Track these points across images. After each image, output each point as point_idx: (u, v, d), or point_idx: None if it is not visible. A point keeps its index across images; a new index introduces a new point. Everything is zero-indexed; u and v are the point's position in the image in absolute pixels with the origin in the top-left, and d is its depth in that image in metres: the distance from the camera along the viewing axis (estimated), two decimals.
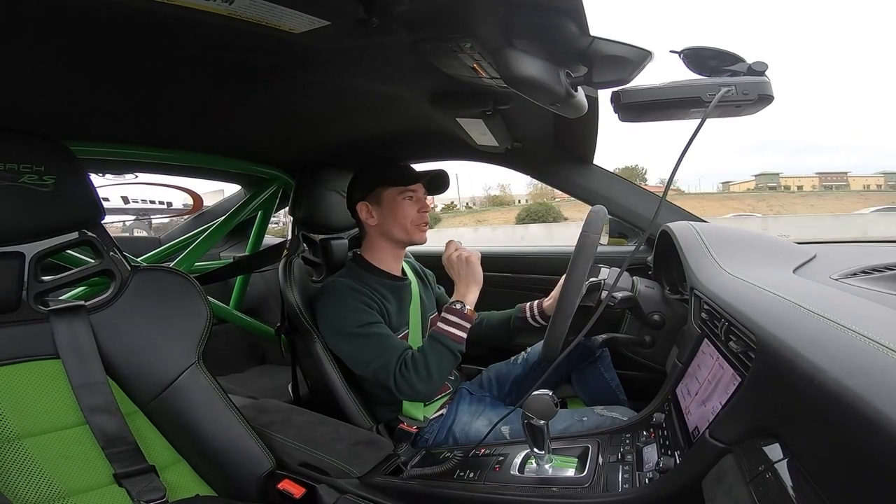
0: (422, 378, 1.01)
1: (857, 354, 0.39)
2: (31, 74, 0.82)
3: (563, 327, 0.88)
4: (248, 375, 2.12)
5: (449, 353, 1.03)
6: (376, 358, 1.04)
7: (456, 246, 1.16)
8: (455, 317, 1.06)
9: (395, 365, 1.02)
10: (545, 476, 0.81)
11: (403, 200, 1.18)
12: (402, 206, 1.17)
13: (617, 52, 0.64)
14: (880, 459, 0.32)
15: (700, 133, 0.64)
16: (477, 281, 1.12)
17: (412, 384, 1.01)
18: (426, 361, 1.02)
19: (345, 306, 1.09)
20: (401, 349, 1.04)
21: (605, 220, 1.07)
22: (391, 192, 1.17)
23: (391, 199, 1.17)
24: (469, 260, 1.12)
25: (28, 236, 0.81)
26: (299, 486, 0.88)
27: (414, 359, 1.02)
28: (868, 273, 0.74)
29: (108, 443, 0.79)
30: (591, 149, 1.42)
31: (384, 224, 1.19)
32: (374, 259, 1.22)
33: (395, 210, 1.17)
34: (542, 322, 1.24)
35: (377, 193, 1.18)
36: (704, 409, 0.64)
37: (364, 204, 1.19)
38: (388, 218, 1.18)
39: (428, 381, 1.01)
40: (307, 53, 0.81)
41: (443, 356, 1.03)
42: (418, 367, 1.01)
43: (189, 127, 1.23)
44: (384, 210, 1.18)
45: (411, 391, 1.02)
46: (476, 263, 1.13)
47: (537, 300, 1.29)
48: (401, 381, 1.01)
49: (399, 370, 1.02)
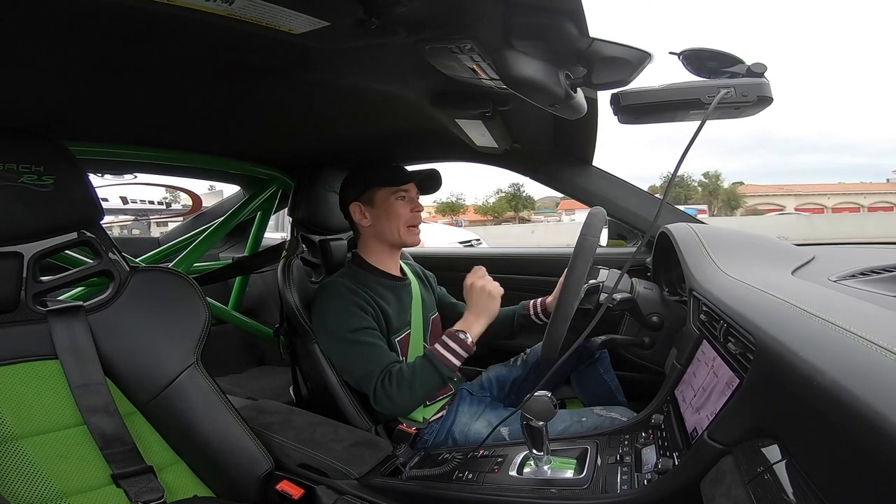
0: (403, 394, 1.00)
1: (856, 356, 0.39)
2: (30, 74, 0.82)
3: (562, 329, 0.88)
4: (246, 376, 2.11)
5: (438, 377, 1.02)
6: (360, 367, 1.05)
7: (482, 274, 1.13)
8: (455, 344, 1.04)
9: (377, 377, 1.02)
10: (544, 477, 0.81)
11: (396, 201, 1.17)
12: (395, 206, 1.17)
13: (616, 53, 0.64)
14: (879, 460, 0.32)
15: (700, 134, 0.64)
16: (490, 315, 1.09)
17: (392, 398, 1.00)
18: (412, 378, 1.01)
19: (339, 309, 1.09)
20: (385, 362, 1.04)
21: (603, 222, 1.07)
22: (384, 192, 1.17)
23: (384, 199, 1.17)
24: (491, 294, 1.09)
25: (27, 236, 0.81)
26: (298, 486, 0.87)
27: (400, 373, 1.02)
28: (867, 275, 0.74)
29: (106, 443, 0.79)
30: (591, 150, 1.43)
31: (377, 225, 1.18)
32: (372, 259, 1.21)
33: (389, 210, 1.16)
34: (546, 319, 1.24)
35: (370, 194, 1.18)
36: (703, 410, 0.64)
37: (357, 205, 1.19)
38: (382, 218, 1.17)
39: (409, 398, 1.01)
40: (307, 54, 0.81)
41: (431, 378, 1.02)
42: (402, 382, 1.00)
43: (188, 127, 1.23)
44: (377, 211, 1.18)
45: (389, 405, 1.01)
46: (497, 299, 1.09)
47: (541, 298, 1.29)
48: (381, 393, 1.01)
49: (381, 382, 1.01)
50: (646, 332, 1.07)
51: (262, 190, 1.79)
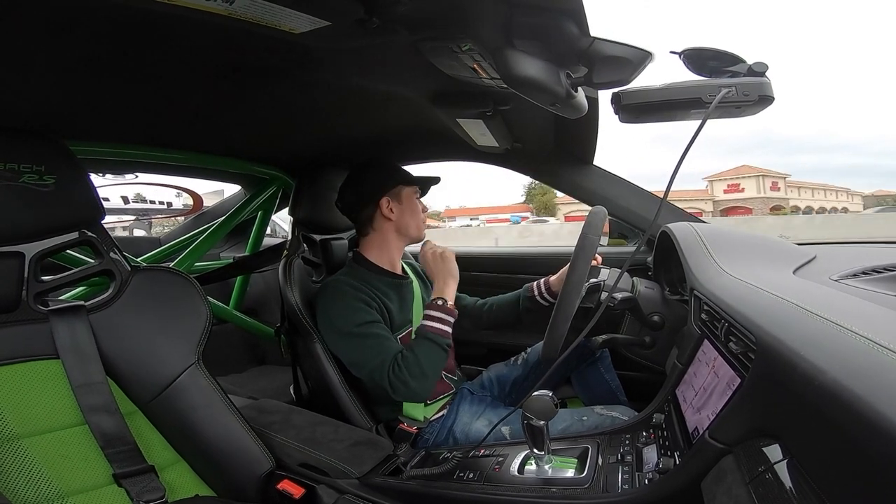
0: (415, 376, 1.01)
1: (857, 355, 0.39)
2: (31, 74, 0.82)
3: (563, 328, 0.88)
4: (247, 376, 2.12)
5: (438, 348, 1.05)
6: (371, 359, 1.05)
7: (431, 245, 1.20)
8: (438, 312, 1.08)
9: (388, 367, 1.03)
10: (545, 477, 0.81)
11: (417, 199, 1.25)
12: (416, 203, 1.25)
13: (617, 52, 0.64)
14: (880, 460, 0.32)
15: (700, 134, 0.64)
16: (454, 276, 1.15)
17: (407, 383, 1.01)
18: (417, 359, 1.02)
19: (344, 305, 1.10)
20: (394, 351, 1.05)
21: (604, 221, 1.07)
22: (409, 190, 1.24)
23: (409, 196, 1.24)
24: (444, 255, 1.16)
25: (28, 236, 0.81)
26: (299, 486, 0.88)
27: (405, 358, 1.03)
28: (868, 274, 0.74)
29: (108, 443, 0.79)
30: (592, 149, 1.42)
31: (402, 220, 1.23)
32: (375, 257, 1.22)
33: (412, 207, 1.24)
34: (551, 300, 1.25)
35: (398, 190, 1.22)
36: (704, 409, 0.64)
37: (387, 199, 1.22)
38: (407, 214, 1.23)
39: (423, 379, 1.02)
40: (307, 53, 0.81)
41: (432, 351, 1.04)
42: (410, 365, 1.02)
43: (189, 127, 1.23)
44: (403, 207, 1.23)
45: (406, 391, 1.02)
46: (451, 259, 1.16)
47: (543, 278, 1.29)
48: (396, 381, 1.02)
49: (393, 371, 1.02)
50: (647, 331, 1.07)
51: (262, 189, 1.79)
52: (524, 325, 1.35)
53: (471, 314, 1.36)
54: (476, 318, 1.36)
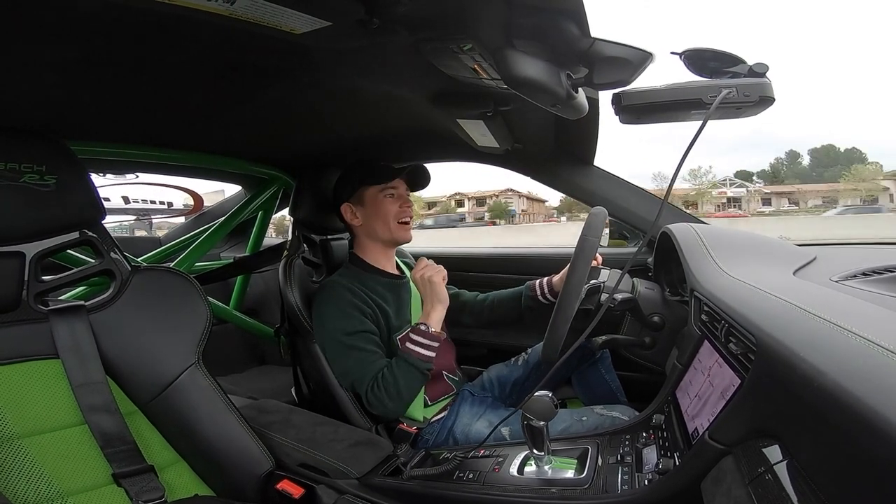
0: (392, 397, 1.04)
1: (857, 356, 0.39)
2: (32, 74, 0.82)
3: (563, 329, 0.88)
4: (247, 376, 2.12)
5: (417, 372, 1.05)
6: (353, 372, 1.08)
7: (424, 264, 1.16)
8: (420, 337, 1.08)
9: (367, 384, 1.05)
10: (544, 477, 0.81)
11: (385, 198, 1.20)
12: (383, 203, 1.20)
13: (618, 53, 0.64)
14: (879, 461, 0.32)
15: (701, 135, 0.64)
16: (441, 301, 1.11)
17: (383, 402, 1.04)
18: (396, 381, 1.04)
19: (337, 310, 1.11)
20: (377, 369, 1.06)
21: (604, 222, 1.07)
22: (372, 190, 1.20)
23: (373, 197, 1.20)
24: (431, 280, 1.11)
25: (28, 236, 0.81)
26: (298, 486, 0.88)
27: (385, 378, 1.05)
28: (868, 275, 0.74)
29: (107, 442, 0.79)
30: (592, 150, 1.42)
31: (368, 223, 1.21)
32: (369, 258, 1.23)
33: (378, 208, 1.20)
34: (553, 299, 1.24)
35: (359, 194, 1.21)
36: (704, 410, 0.64)
37: (348, 205, 1.22)
38: (372, 217, 1.20)
39: (398, 400, 1.05)
40: (308, 54, 0.81)
41: (411, 375, 1.05)
42: (388, 386, 1.04)
43: (189, 127, 1.23)
44: (367, 210, 1.21)
45: (382, 408, 1.05)
46: (439, 284, 1.12)
47: (546, 277, 1.28)
48: (373, 398, 1.05)
49: (371, 389, 1.05)
50: (647, 332, 1.06)
51: (263, 190, 1.79)
52: (525, 323, 1.35)
53: (471, 309, 1.36)
54: (476, 313, 1.36)
